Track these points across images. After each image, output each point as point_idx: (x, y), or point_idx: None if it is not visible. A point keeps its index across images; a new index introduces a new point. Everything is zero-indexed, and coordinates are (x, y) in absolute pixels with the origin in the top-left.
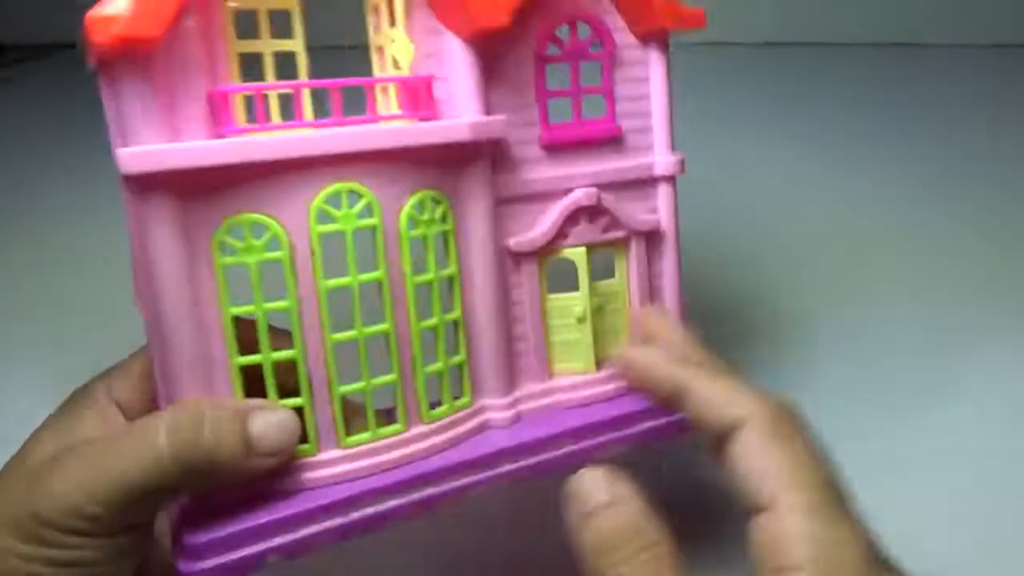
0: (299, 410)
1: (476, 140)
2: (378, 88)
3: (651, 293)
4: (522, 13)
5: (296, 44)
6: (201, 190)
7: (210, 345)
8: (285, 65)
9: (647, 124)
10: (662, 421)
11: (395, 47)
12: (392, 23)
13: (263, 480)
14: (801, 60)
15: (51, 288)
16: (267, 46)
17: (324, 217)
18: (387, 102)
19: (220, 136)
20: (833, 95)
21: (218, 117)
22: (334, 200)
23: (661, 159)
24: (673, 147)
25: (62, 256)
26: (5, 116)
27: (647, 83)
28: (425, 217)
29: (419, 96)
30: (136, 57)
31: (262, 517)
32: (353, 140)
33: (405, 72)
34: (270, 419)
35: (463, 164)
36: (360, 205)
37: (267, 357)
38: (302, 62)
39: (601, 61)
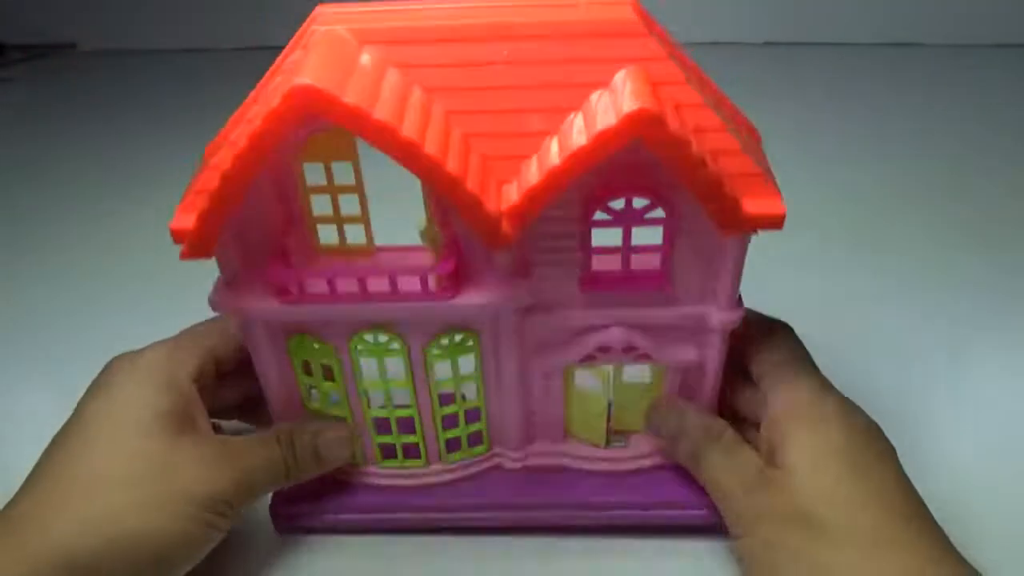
0: None
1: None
2: None
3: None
4: (562, 197)
5: (356, 187)
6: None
7: (291, 392)
8: None
9: (709, 280)
10: (640, 512)
11: (426, 230)
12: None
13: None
14: (801, 60)
15: (50, 288)
16: (333, 190)
17: (361, 347)
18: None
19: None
20: (833, 95)
21: (279, 289)
22: (369, 337)
23: (719, 314)
24: (736, 302)
25: (62, 256)
26: (5, 116)
27: (718, 252)
28: (449, 346)
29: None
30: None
31: (316, 499)
32: (373, 312)
33: (434, 253)
34: (332, 437)
35: (489, 314)
36: (388, 342)
37: (325, 408)
38: (362, 202)
39: (662, 226)
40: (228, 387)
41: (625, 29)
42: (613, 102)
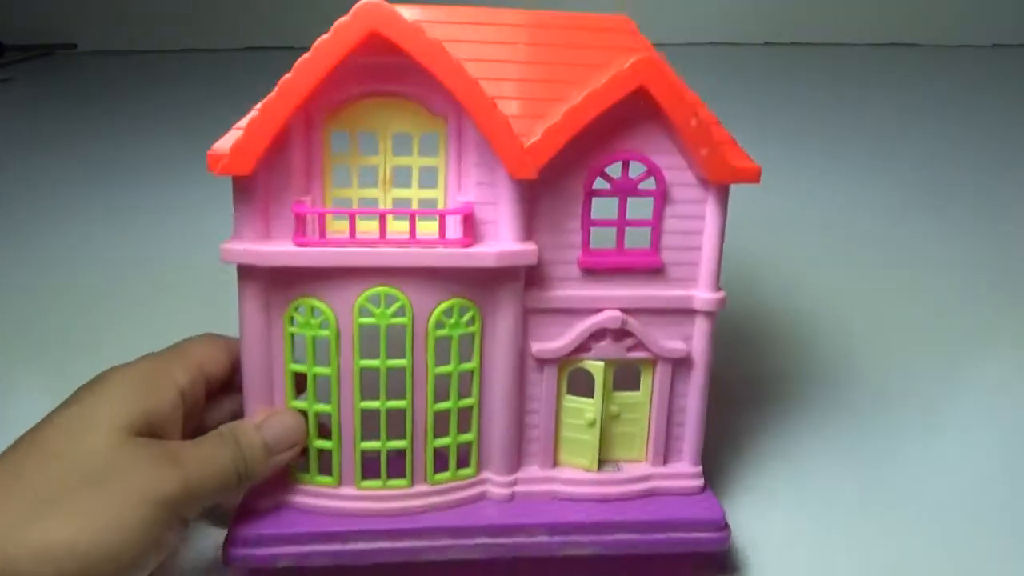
0: (329, 452)
1: (501, 266)
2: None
3: (673, 413)
4: (570, 152)
5: (380, 159)
6: (279, 278)
7: (274, 387)
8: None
9: (693, 258)
10: (640, 536)
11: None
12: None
13: (290, 494)
14: (801, 60)
15: (50, 287)
16: (355, 160)
17: (365, 312)
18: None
19: (299, 243)
20: (833, 95)
21: (297, 229)
22: (375, 299)
23: (702, 295)
24: (718, 284)
25: (62, 255)
26: (5, 116)
27: (701, 221)
28: (452, 320)
29: (460, 224)
30: (240, 180)
31: (280, 528)
32: (391, 258)
33: (441, 198)
34: (279, 422)
35: (494, 280)
36: (395, 306)
37: (311, 407)
38: (384, 173)
39: (652, 197)
40: (218, 407)
41: (622, 27)
42: (620, 63)
